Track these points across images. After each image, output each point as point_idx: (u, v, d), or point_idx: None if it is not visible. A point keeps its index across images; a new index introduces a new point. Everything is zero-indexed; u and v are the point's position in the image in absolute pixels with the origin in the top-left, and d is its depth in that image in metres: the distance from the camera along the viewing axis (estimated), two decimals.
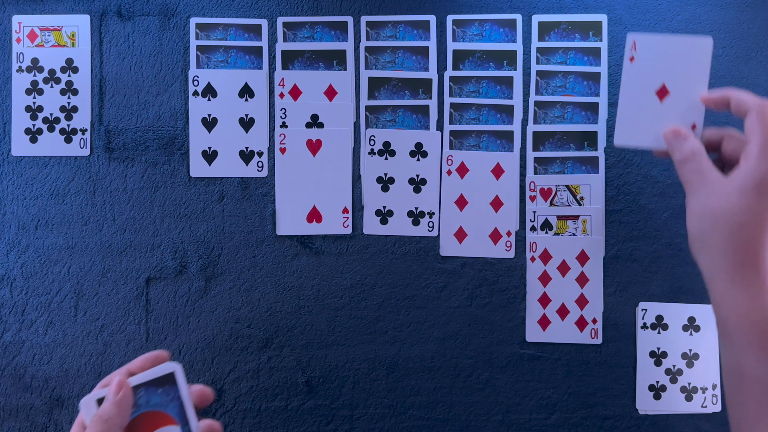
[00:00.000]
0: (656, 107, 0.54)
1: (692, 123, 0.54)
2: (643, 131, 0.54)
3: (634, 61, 0.54)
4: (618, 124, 0.54)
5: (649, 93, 0.54)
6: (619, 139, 0.54)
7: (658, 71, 0.54)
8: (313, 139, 0.62)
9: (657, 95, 0.54)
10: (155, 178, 0.62)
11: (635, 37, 0.54)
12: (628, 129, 0.54)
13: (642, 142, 0.54)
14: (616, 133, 0.55)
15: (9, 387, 0.61)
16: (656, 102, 0.54)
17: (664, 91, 0.54)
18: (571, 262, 0.61)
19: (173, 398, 0.44)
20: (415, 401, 0.61)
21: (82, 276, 0.61)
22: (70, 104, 0.62)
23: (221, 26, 0.62)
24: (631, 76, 0.54)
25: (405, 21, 0.62)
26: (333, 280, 0.62)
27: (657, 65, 0.54)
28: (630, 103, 0.54)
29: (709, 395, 0.60)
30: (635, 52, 0.54)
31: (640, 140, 0.54)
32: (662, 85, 0.54)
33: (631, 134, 0.55)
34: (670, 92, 0.54)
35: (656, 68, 0.54)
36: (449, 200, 0.62)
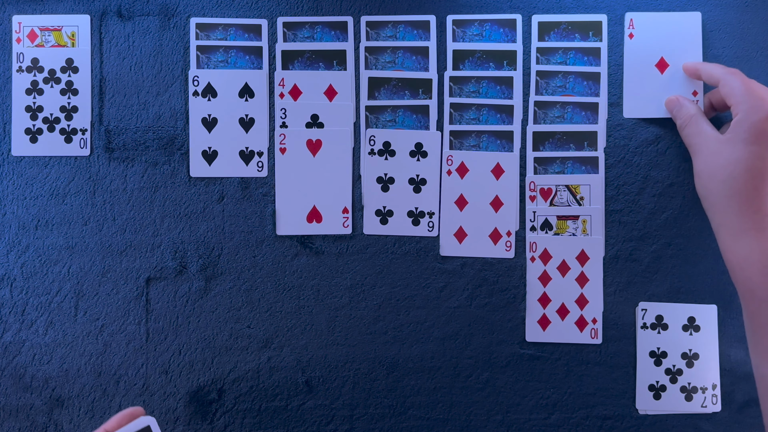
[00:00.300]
0: (658, 79, 0.60)
1: (693, 90, 0.60)
2: (648, 102, 0.60)
3: (633, 38, 0.60)
4: (625, 97, 0.60)
5: (650, 66, 0.60)
6: (628, 112, 0.60)
7: (656, 46, 0.60)
8: (313, 139, 0.62)
9: (657, 68, 0.60)
10: (155, 178, 0.62)
11: (632, 15, 0.60)
12: (634, 101, 0.60)
13: (649, 113, 0.60)
14: (624, 106, 0.60)
15: (9, 387, 0.61)
16: (657, 74, 0.60)
17: (664, 63, 0.60)
18: (571, 262, 0.61)
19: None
20: (415, 401, 0.61)
21: (82, 276, 0.61)
22: (70, 104, 0.62)
23: (221, 26, 0.62)
24: (631, 52, 0.60)
25: (405, 21, 0.62)
26: (333, 280, 0.62)
27: (654, 40, 0.60)
28: (634, 77, 0.60)
29: (709, 395, 0.60)
30: (633, 29, 0.60)
31: (647, 111, 0.60)
32: (661, 58, 0.60)
33: (638, 106, 0.60)
34: (669, 64, 0.60)
35: (654, 43, 0.60)
36: (449, 200, 0.62)
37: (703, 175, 0.54)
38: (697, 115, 0.57)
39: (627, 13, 0.61)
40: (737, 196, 0.51)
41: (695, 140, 0.56)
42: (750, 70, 0.62)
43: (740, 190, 0.51)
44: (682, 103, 0.58)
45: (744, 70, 0.62)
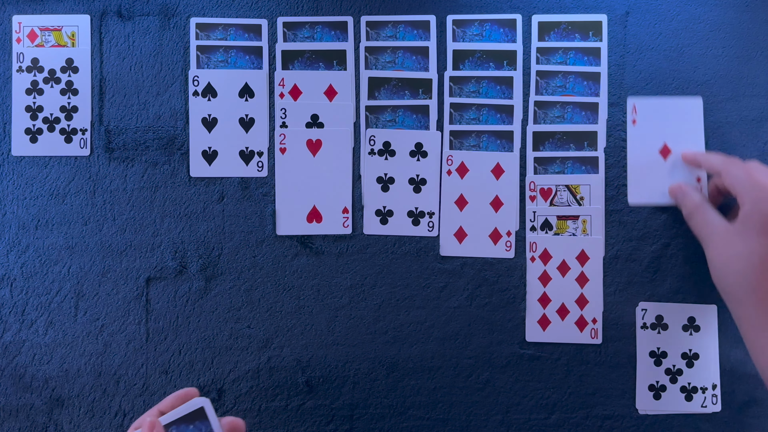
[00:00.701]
0: (662, 165, 0.60)
1: (696, 177, 0.60)
2: (653, 189, 0.60)
3: (636, 124, 0.59)
4: (629, 183, 0.60)
5: (654, 152, 0.60)
6: (633, 198, 0.60)
7: (659, 132, 0.60)
8: (313, 139, 0.62)
9: (660, 154, 0.60)
10: (155, 178, 0.62)
11: (635, 100, 0.60)
12: (639, 188, 0.60)
13: (654, 199, 0.60)
14: (629, 193, 0.60)
15: (9, 387, 0.61)
16: (661, 160, 0.60)
17: (666, 149, 0.60)
18: (571, 262, 0.61)
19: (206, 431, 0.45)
20: (415, 401, 0.61)
21: (82, 276, 0.61)
22: (70, 104, 0.62)
23: (221, 26, 0.62)
24: (635, 138, 0.60)
25: (405, 21, 0.62)
26: (333, 280, 0.62)
27: (657, 126, 0.60)
28: (638, 164, 0.60)
29: (709, 395, 0.60)
30: (636, 115, 0.60)
31: (651, 198, 0.60)
32: (664, 144, 0.60)
33: (642, 193, 0.60)
34: (671, 151, 0.60)
35: (657, 129, 0.60)
36: (449, 200, 0.62)
37: (717, 265, 0.52)
38: (702, 204, 0.55)
39: (629, 98, 0.61)
40: (755, 291, 0.49)
41: (704, 231, 0.54)
42: (750, 70, 0.62)
43: (757, 284, 0.48)
44: (686, 191, 0.57)
45: (744, 70, 0.62)
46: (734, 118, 0.62)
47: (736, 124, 0.62)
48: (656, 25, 0.62)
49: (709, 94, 0.62)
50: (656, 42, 0.62)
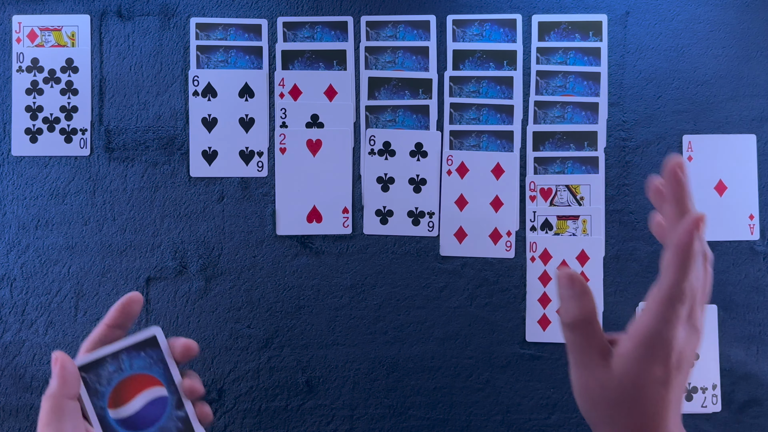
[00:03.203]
0: (717, 201, 0.61)
1: (749, 214, 0.61)
2: (709, 225, 0.60)
3: (692, 161, 0.61)
4: None
5: (709, 188, 0.62)
6: None
7: (714, 168, 0.62)
8: (313, 139, 0.62)
9: (716, 190, 0.61)
10: (155, 178, 0.62)
11: (690, 137, 0.61)
12: None
13: (709, 236, 0.60)
14: None
15: (9, 387, 0.61)
16: (716, 197, 0.61)
17: (722, 186, 0.61)
18: (571, 262, 0.61)
19: (156, 360, 0.45)
20: (415, 401, 0.61)
21: (82, 276, 0.61)
22: (70, 104, 0.62)
23: (221, 26, 0.62)
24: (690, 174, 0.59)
25: (405, 21, 0.62)
26: (333, 280, 0.62)
27: (712, 163, 0.62)
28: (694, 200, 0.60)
29: (709, 395, 0.60)
30: (691, 152, 0.61)
31: (708, 234, 0.60)
32: (719, 181, 0.61)
33: None
34: (727, 187, 0.61)
35: (712, 165, 0.62)
36: (449, 200, 0.62)
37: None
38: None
39: (684, 135, 0.62)
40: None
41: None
42: (750, 70, 0.62)
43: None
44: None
45: (744, 70, 0.62)
46: (734, 118, 0.62)
47: (736, 124, 0.62)
48: (656, 25, 0.62)
49: (709, 94, 0.62)
50: (656, 42, 0.62)
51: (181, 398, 0.45)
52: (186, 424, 0.45)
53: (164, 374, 0.45)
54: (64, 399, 0.41)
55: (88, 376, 0.44)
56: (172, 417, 0.45)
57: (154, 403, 0.45)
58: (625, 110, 0.62)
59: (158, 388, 0.45)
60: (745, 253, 0.61)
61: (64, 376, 0.42)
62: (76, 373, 0.43)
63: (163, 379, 0.45)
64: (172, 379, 0.45)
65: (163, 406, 0.45)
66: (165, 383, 0.45)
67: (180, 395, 0.45)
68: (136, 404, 0.44)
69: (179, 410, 0.45)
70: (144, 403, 0.44)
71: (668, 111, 0.62)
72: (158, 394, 0.45)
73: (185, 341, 0.46)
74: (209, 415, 0.46)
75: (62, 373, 0.42)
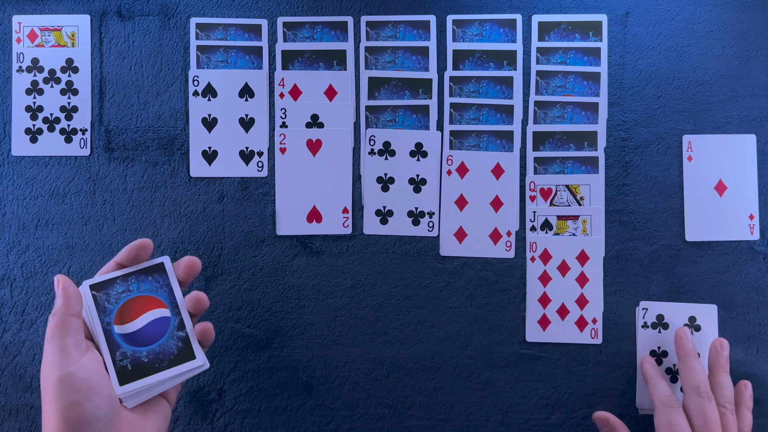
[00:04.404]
0: (717, 202, 0.61)
1: (749, 214, 0.61)
2: (710, 226, 0.61)
3: (692, 161, 0.61)
4: (687, 221, 0.61)
5: (709, 189, 0.61)
6: (691, 235, 0.61)
7: (714, 168, 0.61)
8: (313, 139, 0.62)
9: (716, 190, 0.61)
10: (155, 178, 0.62)
11: (690, 137, 0.61)
12: (696, 225, 0.61)
13: (711, 236, 0.61)
14: (687, 230, 0.61)
15: (9, 387, 0.61)
16: (716, 197, 0.61)
17: (722, 186, 0.61)
18: (571, 262, 0.61)
19: (163, 285, 0.49)
20: (415, 401, 0.61)
21: (82, 276, 0.61)
22: (70, 104, 0.62)
23: (221, 26, 0.62)
24: (691, 174, 0.61)
25: (405, 21, 0.62)
26: (333, 280, 0.62)
27: (712, 163, 0.61)
28: (694, 200, 0.61)
29: None
30: (691, 152, 0.61)
31: (708, 234, 0.61)
32: (719, 181, 0.61)
33: (700, 230, 0.61)
34: (727, 187, 0.61)
35: (712, 165, 0.61)
36: (449, 200, 0.62)
37: None
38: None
39: (684, 135, 0.61)
40: None
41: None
42: (750, 70, 0.62)
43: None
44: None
45: (744, 70, 0.62)
46: (734, 118, 0.62)
47: (736, 124, 0.62)
48: (656, 25, 0.62)
49: (709, 94, 0.62)
50: (656, 42, 0.62)
51: (183, 320, 0.49)
52: (185, 344, 0.49)
53: (169, 298, 0.49)
54: (67, 316, 0.45)
55: (98, 294, 0.48)
56: (173, 336, 0.48)
57: (157, 323, 0.48)
58: (625, 110, 0.62)
59: (162, 309, 0.49)
60: (745, 253, 0.61)
61: (66, 296, 0.45)
62: (78, 292, 0.46)
63: (167, 302, 0.49)
64: (176, 303, 0.49)
65: (166, 326, 0.48)
66: (169, 305, 0.49)
67: (182, 317, 0.49)
68: (141, 322, 0.48)
69: (180, 331, 0.49)
70: (148, 321, 0.48)
71: (668, 111, 0.62)
72: (162, 315, 0.48)
73: (188, 259, 0.51)
74: (211, 333, 0.50)
75: (65, 293, 0.45)
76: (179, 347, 0.48)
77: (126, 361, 0.47)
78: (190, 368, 0.48)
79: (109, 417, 0.43)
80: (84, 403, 0.42)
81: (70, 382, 0.42)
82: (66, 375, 0.42)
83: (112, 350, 0.47)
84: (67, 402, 0.41)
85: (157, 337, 0.48)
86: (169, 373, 0.47)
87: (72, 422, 0.41)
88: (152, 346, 0.48)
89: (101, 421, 0.42)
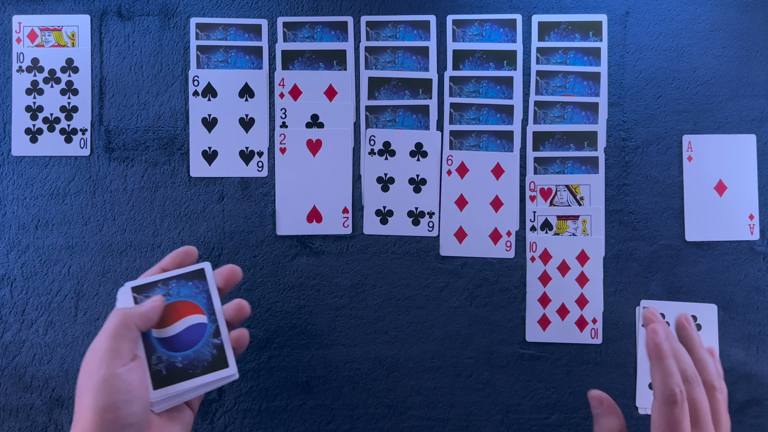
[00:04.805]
0: (717, 201, 0.61)
1: (749, 214, 0.61)
2: (709, 226, 0.61)
3: (692, 161, 0.61)
4: (687, 221, 0.61)
5: (709, 189, 0.61)
6: (691, 235, 0.61)
7: (714, 168, 0.61)
8: (313, 139, 0.62)
9: (716, 190, 0.61)
10: (155, 178, 0.62)
11: (690, 137, 0.61)
12: (696, 225, 0.61)
13: (711, 236, 0.61)
14: (687, 230, 0.61)
15: (9, 387, 0.61)
16: (716, 197, 0.61)
17: (722, 186, 0.61)
18: (571, 262, 0.61)
19: (202, 291, 0.49)
20: (415, 401, 0.61)
21: (82, 276, 0.61)
22: (70, 104, 0.62)
23: (221, 26, 0.62)
24: (690, 174, 0.61)
25: (405, 21, 0.62)
26: (333, 280, 0.62)
27: (712, 163, 0.61)
28: (694, 200, 0.61)
29: None
30: (691, 152, 0.61)
31: (708, 234, 0.61)
32: (719, 181, 0.61)
33: (700, 230, 0.61)
34: (727, 187, 0.61)
35: (712, 165, 0.61)
36: (449, 200, 0.62)
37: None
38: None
39: (684, 135, 0.61)
40: None
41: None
42: (750, 70, 0.62)
43: None
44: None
45: (744, 70, 0.62)
46: (734, 118, 0.62)
47: (736, 124, 0.62)
48: (656, 25, 0.62)
49: (709, 94, 0.62)
50: (656, 42, 0.62)
51: (219, 328, 0.48)
52: (220, 351, 0.48)
53: (207, 304, 0.49)
54: (135, 323, 0.45)
55: (138, 296, 0.48)
56: (208, 343, 0.48)
57: (194, 329, 0.48)
58: (625, 110, 0.62)
59: (200, 315, 0.48)
60: (745, 253, 0.61)
61: (153, 308, 0.46)
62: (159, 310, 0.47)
63: (205, 308, 0.49)
64: (213, 310, 0.49)
65: (202, 332, 0.48)
66: (206, 312, 0.49)
67: (218, 324, 0.49)
68: (178, 327, 0.48)
69: (216, 338, 0.48)
70: (185, 327, 0.48)
71: (668, 111, 0.62)
72: (199, 321, 0.48)
73: (229, 267, 0.51)
74: (245, 340, 0.50)
75: (153, 305, 0.46)
76: (213, 354, 0.48)
77: (161, 366, 0.46)
78: (222, 377, 0.48)
79: (141, 423, 0.43)
80: (122, 406, 0.42)
81: (115, 384, 0.42)
82: (111, 375, 0.42)
83: (149, 353, 0.46)
84: (107, 402, 0.41)
85: (193, 344, 0.48)
86: (202, 381, 0.47)
87: (108, 423, 0.41)
88: (187, 351, 0.47)
89: (134, 427, 0.42)
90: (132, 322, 0.45)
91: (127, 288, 0.48)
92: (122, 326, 0.44)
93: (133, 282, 0.48)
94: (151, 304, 0.46)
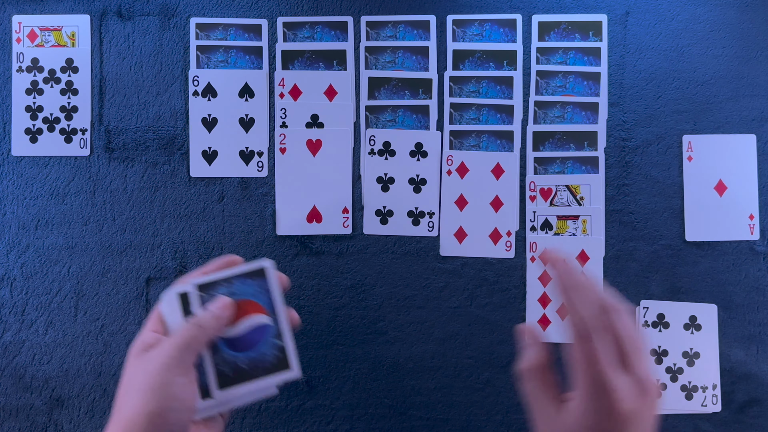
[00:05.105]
0: (717, 201, 0.61)
1: (749, 214, 0.61)
2: (710, 226, 0.61)
3: (692, 161, 0.61)
4: (687, 221, 0.61)
5: (709, 189, 0.61)
6: (691, 235, 0.61)
7: (714, 168, 0.62)
8: (313, 139, 0.62)
9: (716, 190, 0.61)
10: (155, 178, 0.62)
11: (690, 137, 0.61)
12: (696, 225, 0.61)
13: (711, 236, 0.61)
14: (687, 230, 0.61)
15: (9, 387, 0.61)
16: (716, 197, 0.61)
17: (722, 186, 0.61)
18: (571, 262, 0.61)
19: (264, 290, 0.47)
20: (415, 401, 0.61)
21: (82, 276, 0.61)
22: (70, 104, 0.62)
23: (221, 26, 0.62)
24: (691, 174, 0.62)
25: (405, 21, 0.62)
26: (333, 280, 0.62)
27: (712, 163, 0.62)
28: (694, 200, 0.61)
29: (709, 394, 0.60)
30: (691, 152, 0.61)
31: (709, 234, 0.61)
32: (719, 181, 0.61)
33: (700, 230, 0.61)
34: (727, 187, 0.61)
35: (712, 166, 0.62)
36: (449, 200, 0.62)
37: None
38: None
39: (684, 135, 0.62)
40: None
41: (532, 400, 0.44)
42: (750, 70, 0.62)
43: None
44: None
45: (744, 70, 0.62)
46: (734, 118, 0.62)
47: (736, 124, 0.62)
48: (656, 25, 0.62)
49: (709, 94, 0.62)
50: (656, 42, 0.62)
51: (281, 329, 0.47)
52: (282, 353, 0.46)
53: (269, 304, 0.47)
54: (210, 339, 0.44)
55: (202, 295, 0.46)
56: (271, 344, 0.46)
57: (257, 329, 0.47)
58: (625, 110, 0.62)
59: (263, 315, 0.47)
60: (745, 253, 0.61)
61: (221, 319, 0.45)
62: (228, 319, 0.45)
63: (268, 308, 0.47)
64: (275, 310, 0.47)
65: (264, 333, 0.47)
66: (269, 312, 0.47)
67: (280, 325, 0.47)
68: (242, 327, 0.46)
69: (278, 339, 0.47)
70: (248, 327, 0.46)
71: (668, 111, 0.62)
72: (262, 321, 0.47)
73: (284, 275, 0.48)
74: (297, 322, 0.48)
75: (223, 314, 0.45)
76: (276, 356, 0.46)
77: (225, 366, 0.46)
78: (285, 378, 0.46)
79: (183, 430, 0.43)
80: (171, 414, 0.42)
81: (171, 391, 0.42)
82: (170, 382, 0.42)
83: (213, 354, 0.45)
84: (160, 407, 0.41)
85: (255, 344, 0.46)
86: (265, 382, 0.46)
87: (155, 427, 0.41)
88: (250, 352, 0.46)
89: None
90: (204, 340, 0.44)
91: (191, 286, 0.46)
92: (195, 341, 0.43)
93: (197, 279, 0.46)
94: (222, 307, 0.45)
